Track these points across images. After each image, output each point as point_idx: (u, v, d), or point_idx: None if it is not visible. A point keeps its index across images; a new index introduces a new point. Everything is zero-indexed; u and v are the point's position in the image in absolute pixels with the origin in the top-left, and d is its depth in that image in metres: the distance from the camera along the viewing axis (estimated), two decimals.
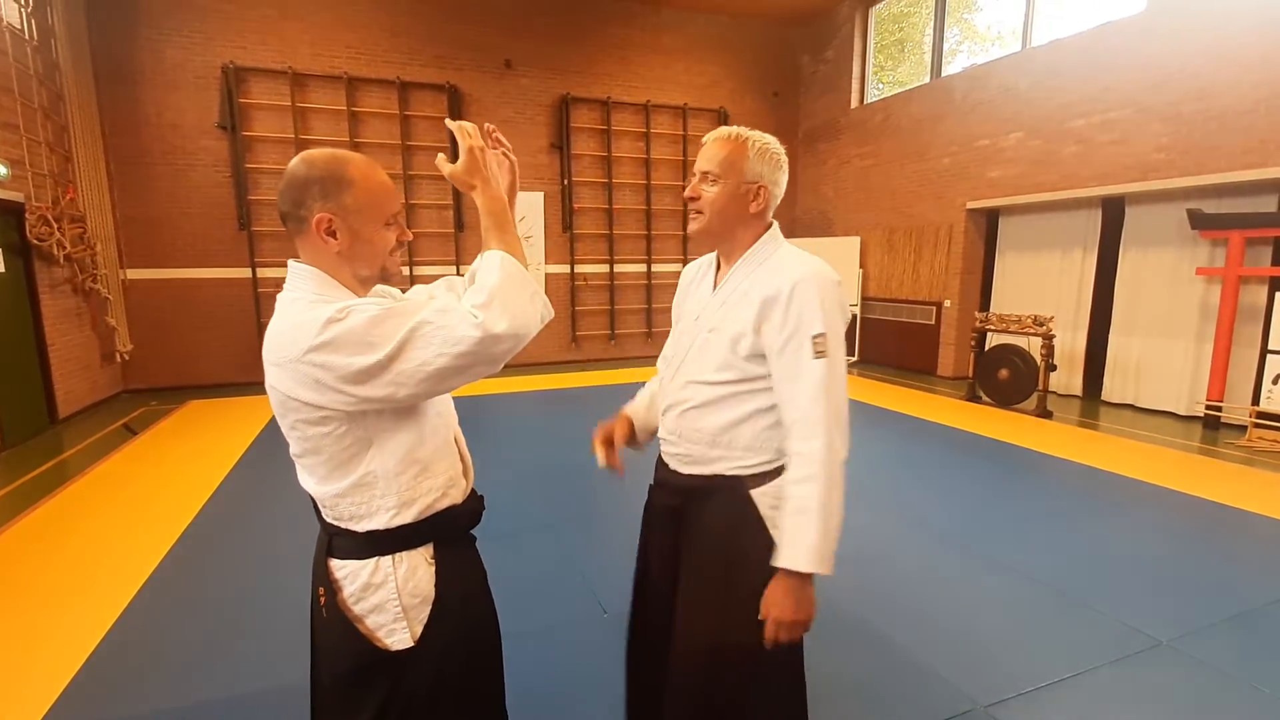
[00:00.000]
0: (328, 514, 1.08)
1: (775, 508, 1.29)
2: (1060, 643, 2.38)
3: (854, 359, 9.14)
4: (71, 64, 6.10)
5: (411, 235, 1.15)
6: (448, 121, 1.13)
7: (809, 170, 9.94)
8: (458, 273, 1.48)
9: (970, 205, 7.45)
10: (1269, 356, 5.11)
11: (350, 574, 1.06)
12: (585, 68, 8.65)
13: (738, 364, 1.28)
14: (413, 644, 1.06)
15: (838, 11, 9.14)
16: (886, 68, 9.68)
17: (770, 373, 1.27)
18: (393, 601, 1.05)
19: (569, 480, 4.15)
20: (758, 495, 1.30)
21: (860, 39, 8.98)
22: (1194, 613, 2.58)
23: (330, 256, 1.03)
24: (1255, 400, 5.18)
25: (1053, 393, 6.63)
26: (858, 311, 9.08)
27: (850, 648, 2.34)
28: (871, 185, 8.84)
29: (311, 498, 1.10)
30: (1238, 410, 5.36)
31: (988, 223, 7.71)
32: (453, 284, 1.29)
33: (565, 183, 8.66)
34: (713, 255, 1.45)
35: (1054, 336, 5.88)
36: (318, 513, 1.11)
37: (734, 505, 1.31)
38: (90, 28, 6.47)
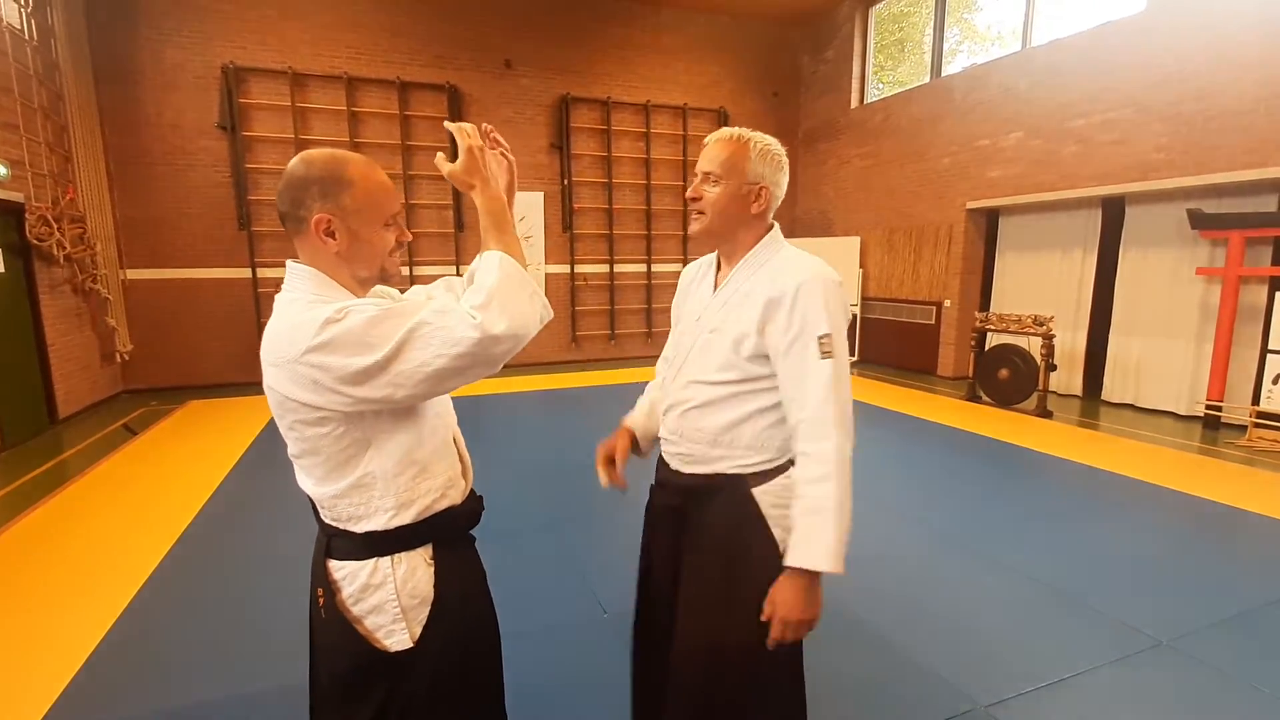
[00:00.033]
0: (326, 515, 1.08)
1: (777, 506, 1.30)
2: (1060, 643, 2.38)
3: (854, 359, 9.13)
4: (71, 64, 6.10)
5: (411, 236, 1.15)
6: (447, 123, 1.13)
7: (809, 170, 9.93)
8: (457, 273, 1.47)
9: (970, 205, 7.45)
10: (1269, 356, 5.11)
11: (349, 575, 1.06)
12: (585, 68, 8.64)
13: (740, 364, 1.28)
14: (412, 645, 1.06)
15: (838, 11, 9.14)
16: (886, 68, 9.67)
17: (773, 373, 1.27)
18: (392, 602, 1.05)
19: (569, 480, 4.15)
20: (759, 494, 1.30)
21: (860, 39, 8.98)
22: (1194, 613, 2.58)
23: (329, 257, 1.03)
24: (1255, 400, 5.18)
25: (1053, 392, 6.63)
26: (858, 311, 9.08)
27: (850, 648, 2.34)
28: (871, 185, 8.83)
29: (310, 499, 1.09)
30: (1238, 410, 5.36)
31: (988, 223, 7.71)
32: (451, 284, 1.28)
33: (565, 183, 8.66)
34: (712, 256, 1.46)
35: (1054, 336, 5.88)
36: (316, 514, 1.11)
37: (735, 504, 1.31)
38: (90, 28, 6.47)
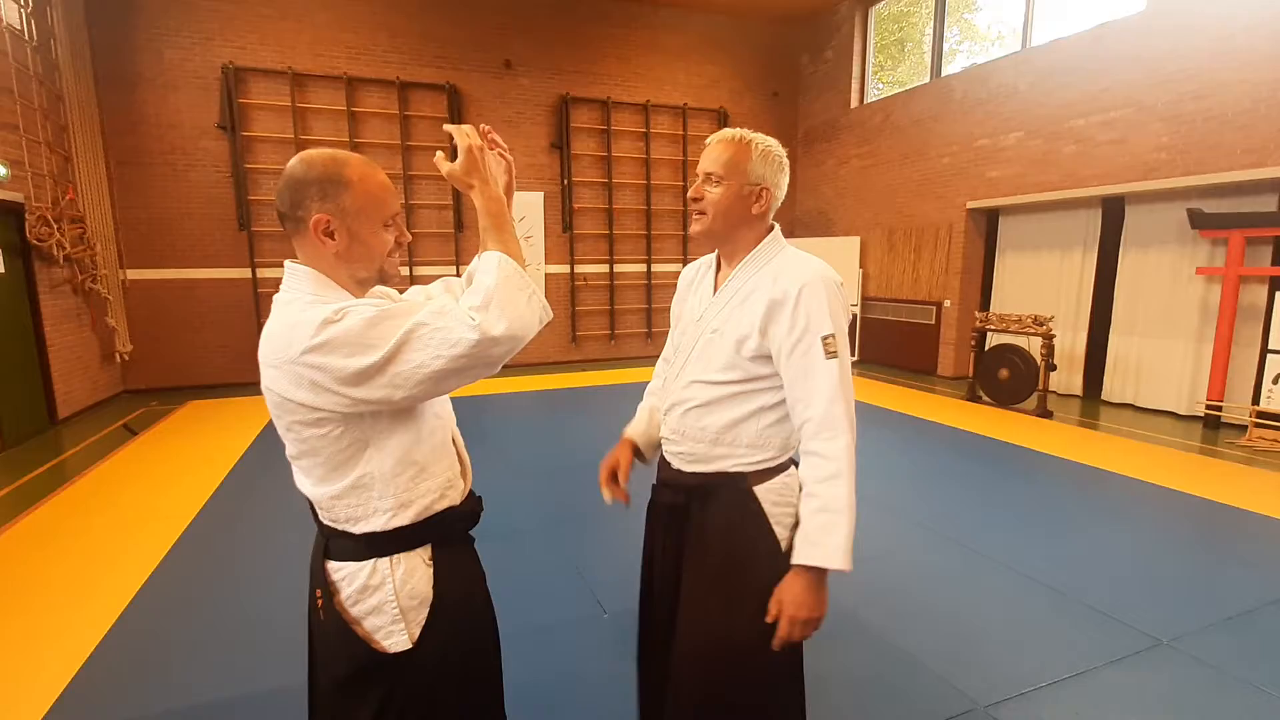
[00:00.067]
0: (324, 516, 1.08)
1: (778, 504, 1.31)
2: (1060, 643, 2.38)
3: (854, 359, 9.13)
4: (71, 64, 6.10)
5: (410, 237, 1.15)
6: (446, 126, 1.13)
7: (809, 170, 9.93)
8: (457, 273, 1.48)
9: (970, 205, 7.45)
10: (1269, 356, 5.10)
11: (348, 576, 1.05)
12: (585, 68, 8.64)
13: (742, 364, 1.29)
14: (411, 646, 1.06)
15: (837, 11, 9.14)
16: (886, 67, 9.68)
17: (774, 373, 1.28)
18: (390, 603, 1.04)
19: (569, 480, 4.15)
20: (761, 492, 1.31)
21: (860, 38, 8.98)
22: (1194, 613, 2.58)
23: (328, 257, 1.03)
24: (1255, 400, 5.17)
25: (1053, 392, 6.63)
26: (858, 311, 9.08)
27: (850, 648, 2.34)
28: (871, 185, 8.83)
29: (308, 499, 1.09)
30: (1238, 410, 5.36)
31: (988, 222, 7.71)
32: (450, 285, 1.28)
33: (565, 183, 8.66)
34: (712, 256, 1.46)
35: (1054, 336, 5.87)
36: (315, 514, 1.11)
37: (737, 502, 1.32)
38: (90, 28, 6.47)
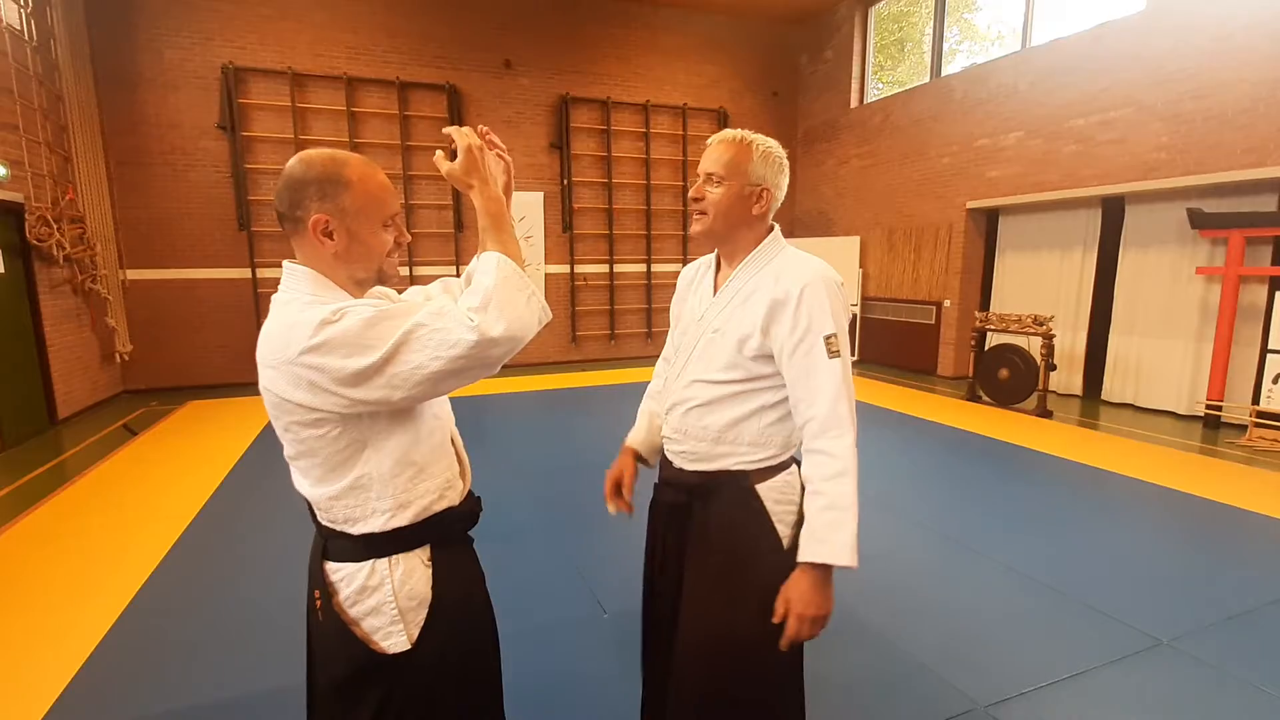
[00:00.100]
0: (323, 517, 1.07)
1: (780, 502, 1.32)
2: (1060, 643, 2.38)
3: (854, 359, 9.13)
4: (71, 65, 6.10)
5: (410, 237, 1.15)
6: (446, 129, 1.12)
7: (808, 170, 9.93)
8: (457, 273, 1.48)
9: (970, 205, 7.45)
10: (1269, 356, 5.10)
11: (346, 577, 1.05)
12: (585, 68, 8.64)
13: (744, 364, 1.30)
14: (410, 646, 1.05)
15: (837, 11, 9.13)
16: (886, 67, 9.67)
17: (776, 372, 1.29)
18: (389, 604, 1.04)
19: (569, 480, 4.15)
20: (763, 490, 1.32)
21: (860, 38, 8.98)
22: (1194, 613, 2.58)
23: (327, 258, 1.03)
24: (1255, 400, 5.17)
25: (1053, 392, 6.63)
26: (858, 311, 9.08)
27: (850, 648, 2.34)
28: (871, 185, 8.83)
29: (306, 500, 1.09)
30: (1238, 410, 5.36)
31: (987, 222, 7.71)
32: (449, 285, 1.28)
33: (565, 183, 8.65)
34: (711, 256, 1.47)
35: (1054, 336, 5.87)
36: (313, 515, 1.10)
37: (739, 500, 1.33)
38: (90, 28, 6.47)
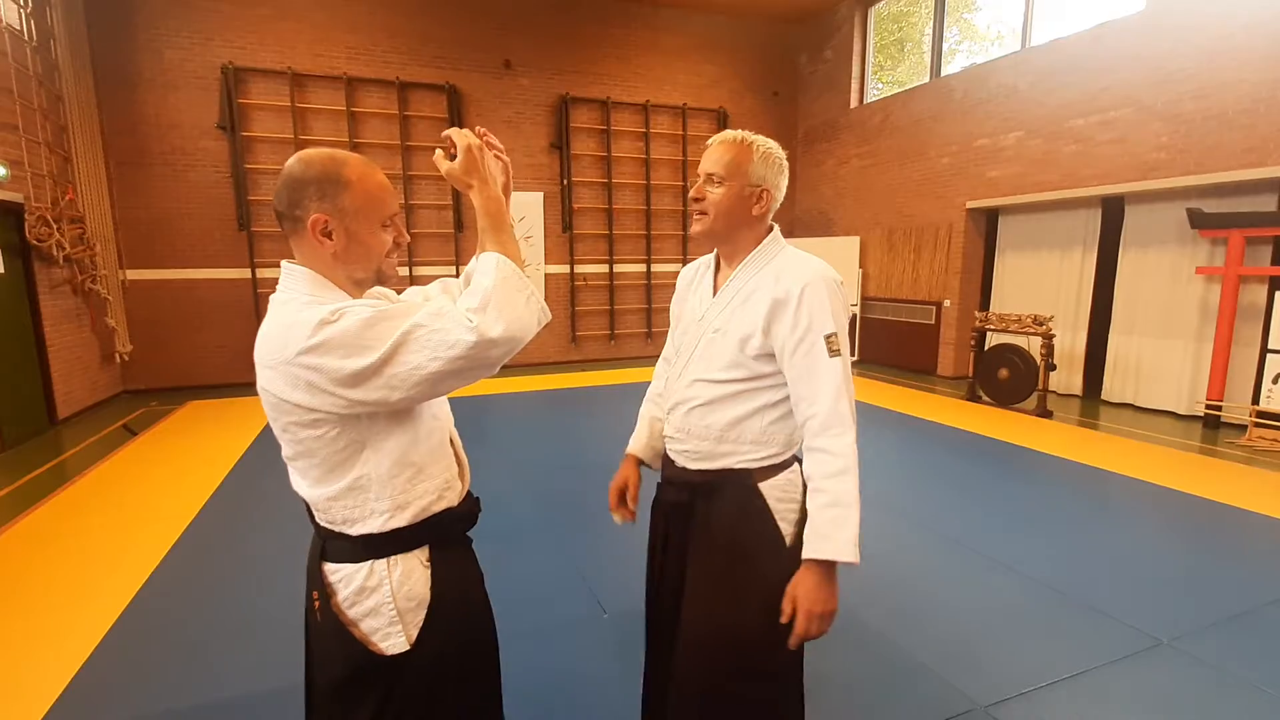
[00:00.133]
0: (321, 517, 1.07)
1: (782, 501, 1.33)
2: (1060, 643, 2.38)
3: (854, 359, 9.13)
4: (71, 65, 6.10)
5: (409, 238, 1.15)
6: (445, 132, 1.12)
7: (808, 170, 9.93)
8: (456, 273, 1.48)
9: (970, 205, 7.45)
10: (1269, 356, 5.10)
11: (344, 578, 1.05)
12: (585, 68, 8.64)
13: (746, 363, 1.31)
14: (408, 647, 1.05)
15: (837, 11, 9.13)
16: (886, 67, 9.67)
17: (778, 370, 1.30)
18: (388, 605, 1.04)
19: (569, 480, 4.15)
20: (765, 488, 1.33)
21: (860, 38, 8.98)
22: (1194, 613, 2.58)
23: (325, 258, 1.02)
24: (1255, 399, 5.17)
25: (1053, 392, 6.63)
26: (858, 311, 9.08)
27: (850, 648, 2.34)
28: (871, 185, 8.83)
29: (305, 501, 1.09)
30: (1238, 410, 5.36)
31: (987, 222, 7.71)
32: (448, 286, 1.28)
33: (565, 183, 8.65)
34: (710, 257, 1.48)
35: (1054, 336, 5.87)
36: (311, 516, 1.10)
37: (742, 498, 1.34)
38: (89, 29, 6.46)
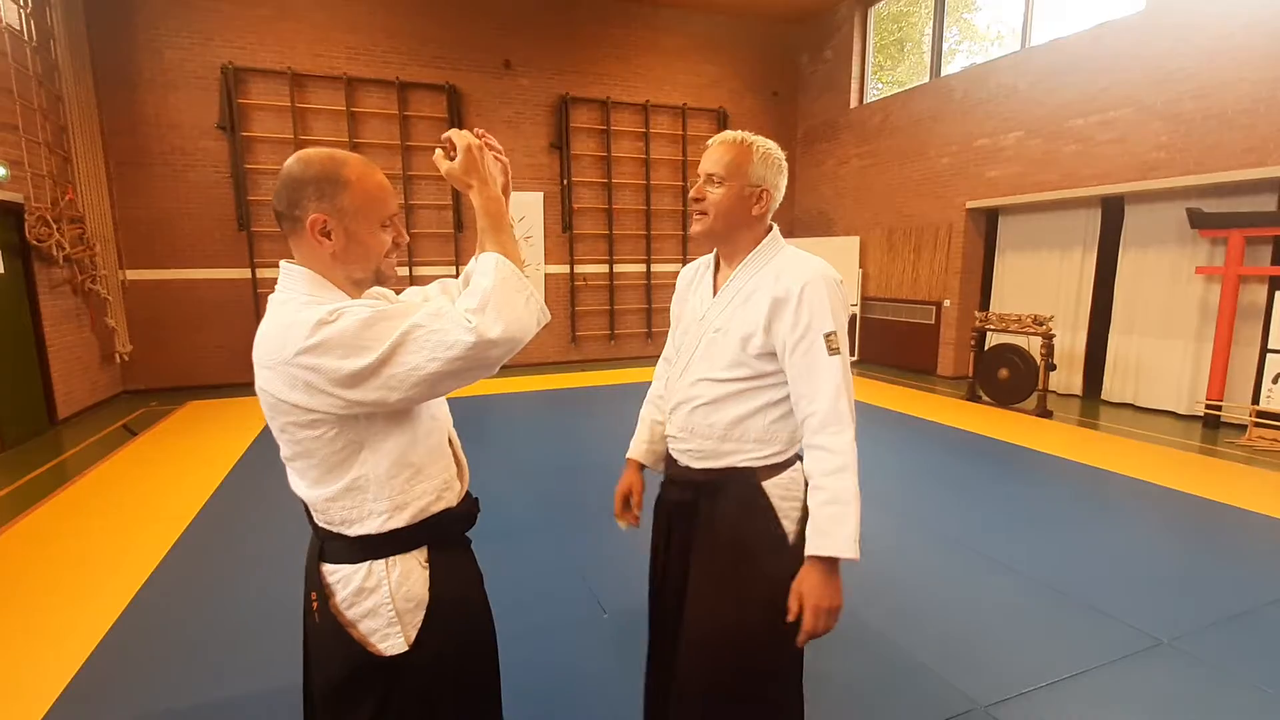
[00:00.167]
0: (319, 518, 1.07)
1: (785, 499, 1.34)
2: (1060, 643, 2.38)
3: (854, 359, 9.13)
4: (71, 65, 6.10)
5: (408, 238, 1.15)
6: (444, 135, 1.12)
7: (808, 170, 9.92)
8: (456, 273, 1.48)
9: (970, 205, 7.44)
10: (1269, 355, 5.10)
11: (343, 579, 1.04)
12: (585, 68, 8.64)
13: (749, 362, 1.32)
14: (407, 648, 1.05)
15: (837, 11, 9.13)
16: (886, 67, 9.67)
17: (780, 369, 1.31)
18: (386, 606, 1.04)
19: (569, 480, 4.15)
20: (769, 486, 1.34)
21: (859, 38, 8.98)
22: (1194, 613, 2.58)
23: (324, 257, 1.02)
24: (1255, 399, 5.17)
25: (1052, 392, 6.63)
26: (858, 311, 9.07)
27: (850, 648, 2.34)
28: (871, 185, 8.83)
29: (303, 502, 1.08)
30: (1238, 409, 5.35)
31: (987, 222, 7.70)
32: (447, 286, 1.28)
33: (565, 183, 8.65)
34: (709, 257, 1.49)
35: (1054, 336, 5.87)
36: (309, 517, 1.10)
37: (746, 497, 1.35)
38: (89, 29, 6.46)
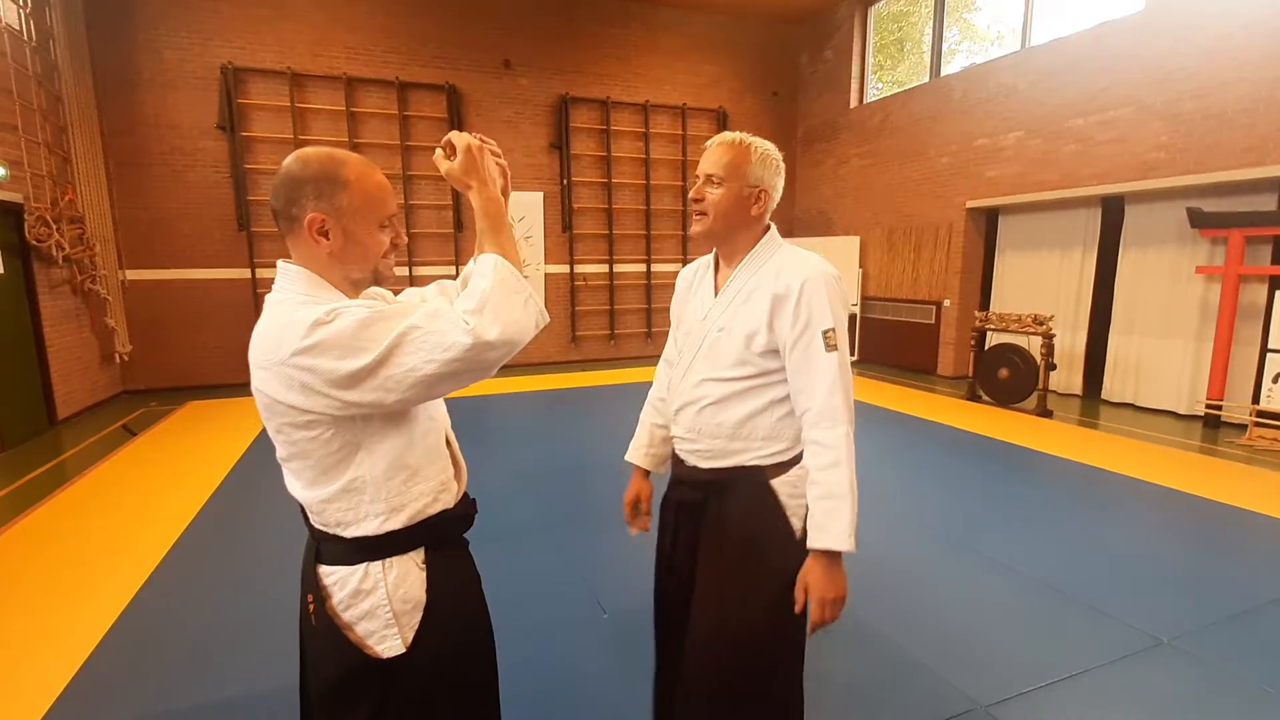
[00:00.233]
0: (315, 520, 1.06)
1: (793, 496, 1.35)
2: (1060, 643, 2.38)
3: (854, 358, 9.12)
4: (70, 65, 6.10)
5: (406, 238, 1.14)
6: (446, 136, 1.11)
7: (808, 170, 9.92)
8: (456, 274, 1.49)
9: (970, 204, 7.44)
10: (1269, 355, 5.09)
11: (339, 580, 1.04)
12: (585, 68, 8.64)
13: (754, 360, 1.33)
14: (404, 650, 1.04)
15: (837, 11, 9.13)
16: (886, 67, 9.66)
17: (784, 366, 1.32)
18: (383, 608, 1.03)
19: (569, 481, 4.15)
20: (778, 484, 1.35)
21: (859, 38, 8.97)
22: (1194, 612, 2.57)
23: (322, 257, 1.02)
24: (1255, 399, 5.16)
25: (1053, 392, 6.63)
26: (858, 311, 9.07)
27: (850, 648, 2.34)
28: (871, 185, 8.83)
29: (299, 503, 1.08)
30: (1238, 409, 5.35)
31: (987, 222, 7.70)
32: (445, 287, 1.28)
33: (564, 183, 8.65)
34: (708, 258, 1.50)
35: (1054, 335, 5.87)
36: (305, 518, 1.09)
37: (754, 494, 1.36)
38: (89, 29, 6.46)
